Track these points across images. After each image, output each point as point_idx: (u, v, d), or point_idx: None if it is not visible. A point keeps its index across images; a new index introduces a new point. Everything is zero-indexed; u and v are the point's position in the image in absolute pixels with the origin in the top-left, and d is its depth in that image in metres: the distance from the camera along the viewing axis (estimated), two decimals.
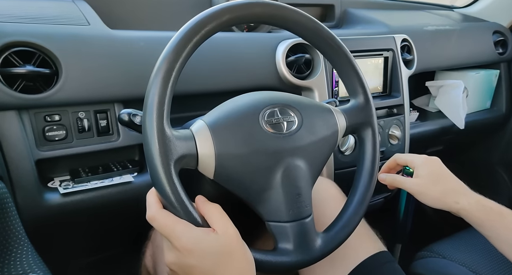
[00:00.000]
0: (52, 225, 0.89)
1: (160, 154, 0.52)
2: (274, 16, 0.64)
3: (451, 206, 0.76)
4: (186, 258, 0.49)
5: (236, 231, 0.53)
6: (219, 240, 0.50)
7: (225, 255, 0.50)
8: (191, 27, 0.57)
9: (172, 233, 0.49)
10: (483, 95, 1.59)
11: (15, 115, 0.75)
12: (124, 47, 0.84)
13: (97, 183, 0.83)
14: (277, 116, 0.64)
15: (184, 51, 0.56)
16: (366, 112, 0.74)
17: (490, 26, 1.63)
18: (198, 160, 0.58)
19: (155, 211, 0.51)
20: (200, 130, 0.59)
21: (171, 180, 0.52)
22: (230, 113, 0.62)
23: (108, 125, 0.86)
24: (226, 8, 0.59)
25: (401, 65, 1.22)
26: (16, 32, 0.74)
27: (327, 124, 0.69)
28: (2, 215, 0.58)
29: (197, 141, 0.58)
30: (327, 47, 0.72)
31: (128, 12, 1.11)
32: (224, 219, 0.53)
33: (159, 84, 0.54)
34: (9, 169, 0.75)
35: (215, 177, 0.60)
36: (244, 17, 0.61)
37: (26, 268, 0.55)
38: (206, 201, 0.55)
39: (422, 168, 0.81)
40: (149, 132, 0.52)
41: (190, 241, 0.49)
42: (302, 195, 0.63)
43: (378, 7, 1.59)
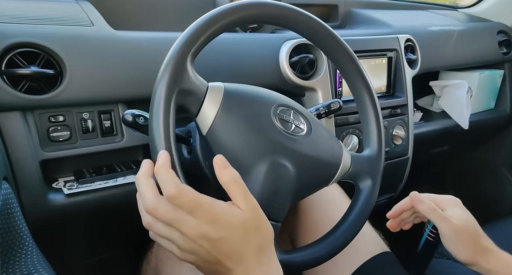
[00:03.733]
0: (56, 226, 0.90)
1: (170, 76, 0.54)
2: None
3: (482, 265, 0.66)
4: (215, 231, 0.47)
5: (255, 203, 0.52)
6: (243, 214, 0.49)
7: (251, 229, 0.50)
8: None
9: (200, 206, 0.47)
10: (487, 95, 1.59)
11: (20, 115, 0.75)
12: (128, 48, 0.84)
13: (101, 184, 0.83)
14: (289, 116, 0.65)
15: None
16: (374, 164, 0.73)
17: (494, 26, 1.62)
18: (201, 107, 0.58)
19: (175, 187, 0.46)
20: (216, 87, 0.60)
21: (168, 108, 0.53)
22: (250, 90, 0.64)
23: (112, 126, 0.86)
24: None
25: (405, 65, 1.22)
26: (20, 33, 0.74)
27: (331, 151, 0.68)
28: (7, 215, 0.58)
29: (209, 92, 0.59)
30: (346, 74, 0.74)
31: (132, 13, 1.11)
32: (243, 189, 0.51)
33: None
34: (14, 169, 0.75)
35: (207, 134, 0.60)
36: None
37: (31, 268, 0.55)
38: (226, 167, 0.51)
39: (456, 210, 0.71)
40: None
41: (219, 213, 0.48)
42: (277, 196, 0.61)
43: (382, 7, 1.59)
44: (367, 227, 0.86)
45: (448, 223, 0.67)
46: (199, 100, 0.58)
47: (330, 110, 0.89)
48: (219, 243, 0.47)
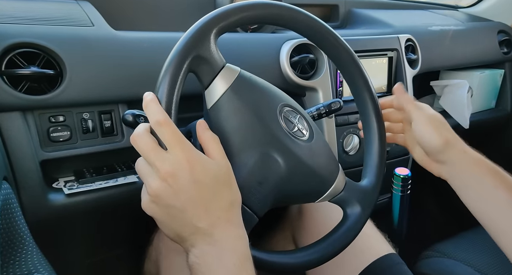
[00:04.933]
0: (56, 226, 0.90)
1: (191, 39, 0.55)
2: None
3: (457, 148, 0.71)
4: (189, 173, 0.45)
5: (229, 164, 0.51)
6: (220, 167, 0.48)
7: (223, 183, 0.48)
8: (233, 8, 0.58)
9: (181, 143, 0.46)
10: (488, 94, 1.58)
11: (20, 116, 0.75)
12: (128, 48, 0.84)
13: (101, 184, 0.83)
14: (294, 118, 0.65)
15: (220, 23, 0.57)
16: (368, 196, 0.71)
17: (494, 25, 1.62)
18: (213, 80, 0.59)
19: (164, 115, 0.47)
20: (232, 68, 0.61)
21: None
22: (262, 82, 0.65)
23: (112, 126, 0.86)
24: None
25: (406, 65, 1.22)
26: (20, 33, 0.74)
27: (327, 167, 0.67)
28: (7, 215, 0.58)
29: (224, 69, 0.59)
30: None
31: (132, 13, 1.11)
32: (221, 149, 0.51)
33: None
34: (14, 169, 0.75)
35: (210, 109, 0.60)
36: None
37: (31, 268, 0.55)
38: (207, 129, 0.53)
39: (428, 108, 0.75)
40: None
41: (196, 157, 0.46)
42: (262, 187, 0.60)
43: (383, 7, 1.59)
44: (372, 228, 0.86)
45: (422, 111, 0.72)
46: (213, 73, 0.58)
47: (330, 109, 0.88)
48: (189, 187, 0.45)
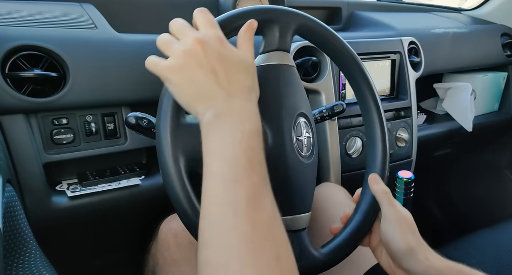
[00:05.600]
0: (59, 228, 0.90)
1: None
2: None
3: (420, 259, 0.58)
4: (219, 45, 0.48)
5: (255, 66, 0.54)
6: (247, 58, 0.51)
7: (246, 70, 0.50)
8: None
9: (215, 27, 0.50)
10: (491, 97, 1.58)
11: (23, 118, 0.75)
12: (131, 51, 0.84)
13: (104, 186, 0.83)
14: (306, 132, 0.65)
15: None
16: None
17: (498, 28, 1.62)
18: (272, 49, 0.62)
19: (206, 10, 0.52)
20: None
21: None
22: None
23: (115, 129, 0.86)
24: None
25: (409, 68, 1.22)
26: (24, 36, 0.75)
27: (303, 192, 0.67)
28: (10, 218, 0.58)
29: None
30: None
31: (135, 16, 1.11)
32: (253, 50, 0.54)
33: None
34: (17, 172, 0.75)
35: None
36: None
37: (34, 271, 0.55)
38: (252, 31, 0.55)
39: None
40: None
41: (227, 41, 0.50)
42: None
43: (385, 9, 1.59)
44: None
45: (395, 208, 0.61)
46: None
47: (333, 112, 0.88)
48: (218, 56, 0.47)
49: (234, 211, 0.39)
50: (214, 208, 0.40)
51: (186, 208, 0.53)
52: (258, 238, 0.38)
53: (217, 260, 0.38)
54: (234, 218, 0.39)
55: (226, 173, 0.41)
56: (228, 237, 0.38)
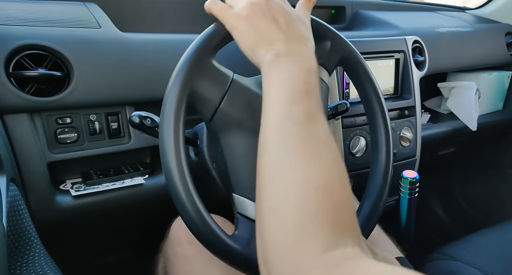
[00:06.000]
0: (64, 227, 0.90)
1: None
2: None
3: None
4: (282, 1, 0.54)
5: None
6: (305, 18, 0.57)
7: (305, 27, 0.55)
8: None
9: None
10: (496, 96, 1.57)
11: (27, 117, 0.75)
12: (135, 50, 0.84)
13: (108, 186, 0.83)
14: None
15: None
16: None
17: (502, 27, 1.61)
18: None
19: None
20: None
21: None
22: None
23: (119, 128, 0.86)
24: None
25: (413, 67, 1.21)
26: (28, 35, 0.75)
27: None
28: (15, 217, 0.58)
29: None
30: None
31: (139, 15, 1.11)
32: None
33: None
34: (21, 171, 0.75)
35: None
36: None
37: (39, 270, 0.55)
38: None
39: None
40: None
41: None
42: None
43: (389, 8, 1.58)
44: (380, 232, 0.86)
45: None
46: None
47: (337, 111, 0.88)
48: (280, 8, 0.53)
49: (293, 122, 0.42)
50: (274, 122, 0.43)
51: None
52: (317, 144, 0.41)
53: (277, 161, 0.41)
54: (293, 126, 0.42)
55: (285, 98, 0.45)
56: (288, 142, 0.41)
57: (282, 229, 0.37)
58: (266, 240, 0.38)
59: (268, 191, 0.40)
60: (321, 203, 0.37)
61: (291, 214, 0.36)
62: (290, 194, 0.38)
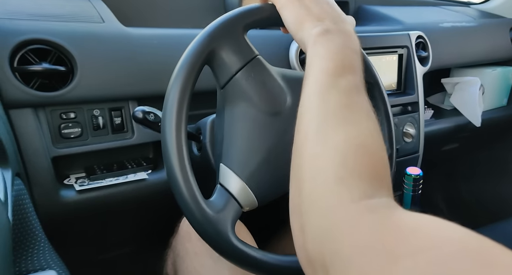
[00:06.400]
0: (68, 222, 0.90)
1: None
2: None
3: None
4: None
5: None
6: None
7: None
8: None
9: None
10: (500, 92, 1.57)
11: (32, 112, 0.76)
12: (138, 45, 0.84)
13: (111, 181, 0.84)
14: None
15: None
16: None
17: (507, 22, 1.61)
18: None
19: None
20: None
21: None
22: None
23: (122, 123, 0.86)
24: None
25: (416, 62, 1.21)
26: (32, 30, 0.75)
27: None
28: (19, 211, 0.59)
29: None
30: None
31: (142, 10, 1.11)
32: None
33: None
34: (26, 166, 0.76)
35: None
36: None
37: (43, 263, 0.56)
38: None
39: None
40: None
41: None
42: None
43: (393, 3, 1.58)
44: None
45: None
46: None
47: None
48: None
49: (337, 91, 0.44)
50: (319, 88, 0.45)
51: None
52: (359, 112, 0.43)
53: (319, 120, 0.43)
54: (337, 95, 0.44)
55: (332, 69, 0.46)
56: (332, 106, 0.43)
57: (322, 179, 0.38)
58: (304, 189, 0.40)
59: (308, 146, 0.42)
60: (361, 159, 0.39)
61: (331, 166, 0.38)
62: (331, 149, 0.40)
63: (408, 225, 0.32)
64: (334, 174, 0.38)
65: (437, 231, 0.30)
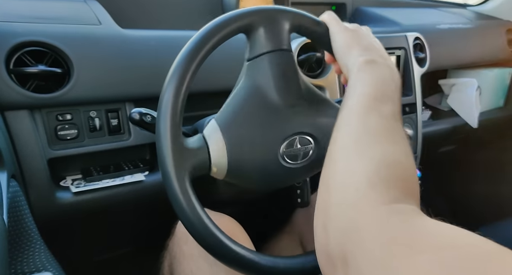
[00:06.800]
0: (64, 224, 0.90)
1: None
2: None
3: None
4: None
5: None
6: None
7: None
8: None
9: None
10: (497, 93, 1.57)
11: (28, 114, 0.76)
12: (135, 47, 0.84)
13: (108, 182, 0.84)
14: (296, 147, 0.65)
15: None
16: None
17: (503, 24, 1.61)
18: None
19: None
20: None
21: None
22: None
23: (119, 124, 0.86)
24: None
25: (414, 64, 1.21)
26: (28, 32, 0.75)
27: None
28: (15, 213, 0.59)
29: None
30: None
31: (139, 12, 1.11)
32: None
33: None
34: (22, 168, 0.76)
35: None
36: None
37: (39, 265, 0.55)
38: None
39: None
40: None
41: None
42: None
43: (390, 5, 1.58)
44: None
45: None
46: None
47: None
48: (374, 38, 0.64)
49: (379, 114, 0.47)
50: (362, 109, 0.48)
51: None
52: (397, 135, 0.47)
53: (358, 136, 0.46)
54: (378, 117, 0.47)
55: (375, 94, 0.50)
56: (371, 126, 0.46)
57: (355, 183, 0.41)
58: (335, 191, 0.42)
59: (344, 155, 0.45)
60: (394, 171, 0.41)
61: (365, 173, 0.41)
62: (367, 159, 0.42)
63: (433, 227, 0.34)
64: (368, 180, 0.40)
65: (460, 235, 0.32)
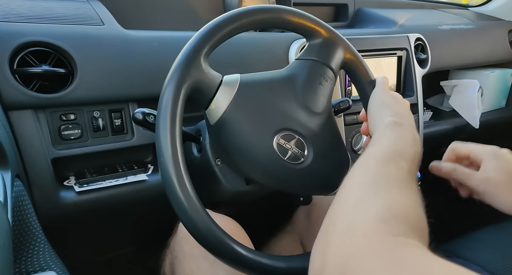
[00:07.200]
0: (68, 223, 0.90)
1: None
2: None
3: None
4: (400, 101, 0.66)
5: None
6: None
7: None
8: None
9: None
10: (498, 94, 1.57)
11: (32, 114, 0.76)
12: (138, 47, 0.85)
13: (111, 182, 0.84)
14: (291, 143, 0.67)
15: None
16: None
17: (505, 24, 1.61)
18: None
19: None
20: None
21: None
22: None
23: (122, 124, 0.86)
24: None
25: (415, 64, 1.21)
26: (32, 32, 0.75)
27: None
28: (19, 212, 0.59)
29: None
30: None
31: (142, 12, 1.12)
32: None
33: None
34: (26, 167, 0.76)
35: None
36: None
37: (43, 264, 0.56)
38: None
39: (492, 162, 0.71)
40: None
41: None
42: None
43: (392, 6, 1.58)
44: None
45: (472, 180, 0.71)
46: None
47: (339, 109, 0.88)
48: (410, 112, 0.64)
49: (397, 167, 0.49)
50: (376, 165, 0.49)
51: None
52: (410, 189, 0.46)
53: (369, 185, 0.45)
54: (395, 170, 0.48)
55: (393, 149, 0.52)
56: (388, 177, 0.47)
57: (365, 215, 0.40)
58: (343, 221, 0.42)
59: (359, 190, 0.45)
60: (406, 212, 0.42)
61: (378, 208, 0.41)
62: (381, 198, 0.43)
63: (438, 269, 0.35)
64: (379, 214, 0.40)
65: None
